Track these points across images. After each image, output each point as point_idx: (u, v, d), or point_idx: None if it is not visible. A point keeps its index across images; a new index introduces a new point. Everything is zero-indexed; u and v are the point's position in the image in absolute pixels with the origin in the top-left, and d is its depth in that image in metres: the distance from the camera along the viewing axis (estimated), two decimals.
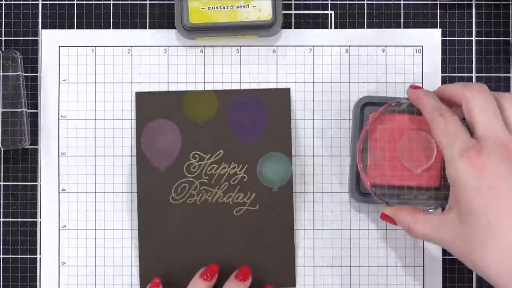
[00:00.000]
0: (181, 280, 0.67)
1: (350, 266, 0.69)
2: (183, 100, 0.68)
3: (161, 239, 0.68)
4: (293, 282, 0.68)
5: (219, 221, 0.68)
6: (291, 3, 0.69)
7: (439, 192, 0.66)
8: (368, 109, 0.67)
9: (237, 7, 0.66)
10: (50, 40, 0.69)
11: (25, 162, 0.69)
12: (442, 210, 0.66)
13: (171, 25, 0.69)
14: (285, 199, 0.68)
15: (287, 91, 0.69)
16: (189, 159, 0.68)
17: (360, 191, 0.67)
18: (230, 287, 0.65)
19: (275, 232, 0.68)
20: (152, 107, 0.68)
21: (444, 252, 0.69)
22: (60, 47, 0.69)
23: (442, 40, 0.69)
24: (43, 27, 0.69)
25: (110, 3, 0.69)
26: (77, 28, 0.69)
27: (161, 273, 0.68)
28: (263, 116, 0.68)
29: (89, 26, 0.69)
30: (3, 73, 0.68)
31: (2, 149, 0.68)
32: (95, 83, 0.69)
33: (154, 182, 0.68)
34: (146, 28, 0.69)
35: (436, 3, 0.70)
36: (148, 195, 0.68)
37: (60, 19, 0.69)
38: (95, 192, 0.69)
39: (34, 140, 0.69)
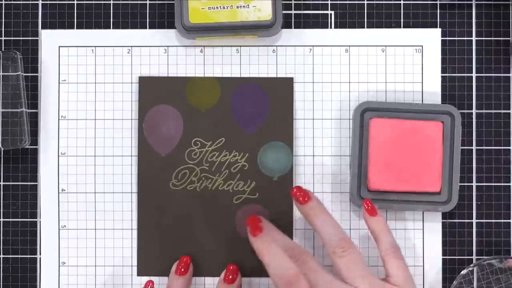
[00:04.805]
0: None
1: None
2: (186, 86, 0.68)
3: (160, 224, 0.68)
4: None
5: (218, 208, 0.68)
6: (291, 3, 0.69)
7: (438, 197, 0.67)
8: (368, 115, 0.67)
9: (237, 7, 0.66)
10: (50, 40, 0.69)
11: (25, 162, 0.69)
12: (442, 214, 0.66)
13: (171, 25, 0.69)
14: (285, 188, 0.68)
15: (290, 81, 0.69)
16: (191, 145, 0.68)
17: (361, 196, 0.67)
18: None
19: (274, 221, 0.68)
20: (155, 92, 0.68)
21: (444, 252, 0.69)
22: (60, 47, 0.69)
23: (442, 40, 0.69)
24: (43, 27, 0.69)
25: (110, 3, 0.69)
26: (77, 28, 0.69)
27: (159, 257, 0.68)
28: (266, 105, 0.68)
29: (89, 26, 0.69)
30: (3, 73, 0.68)
31: (2, 149, 0.68)
32: (95, 83, 0.69)
33: (155, 167, 0.68)
34: (146, 28, 0.69)
35: (436, 3, 0.70)
36: (149, 180, 0.68)
37: (60, 19, 0.69)
38: (95, 192, 0.69)
39: (34, 140, 0.69)
